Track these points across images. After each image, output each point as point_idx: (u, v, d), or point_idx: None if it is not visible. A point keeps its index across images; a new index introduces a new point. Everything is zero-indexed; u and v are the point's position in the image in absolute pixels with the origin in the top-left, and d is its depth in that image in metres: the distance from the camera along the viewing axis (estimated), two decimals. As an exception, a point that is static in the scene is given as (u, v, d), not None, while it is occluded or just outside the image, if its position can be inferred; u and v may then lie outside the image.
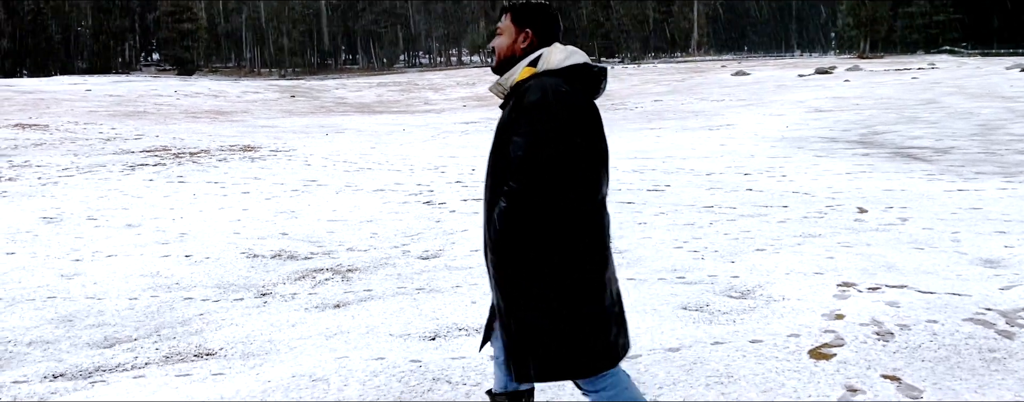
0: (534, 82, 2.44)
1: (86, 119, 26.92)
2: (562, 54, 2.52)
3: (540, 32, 2.58)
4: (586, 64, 2.54)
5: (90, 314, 5.09)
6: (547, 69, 2.49)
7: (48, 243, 7.51)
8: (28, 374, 3.94)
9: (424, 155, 16.03)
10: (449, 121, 27.37)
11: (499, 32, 2.64)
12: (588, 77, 2.52)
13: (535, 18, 2.58)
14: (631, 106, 29.36)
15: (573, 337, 2.39)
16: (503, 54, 2.59)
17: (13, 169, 13.95)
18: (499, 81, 2.58)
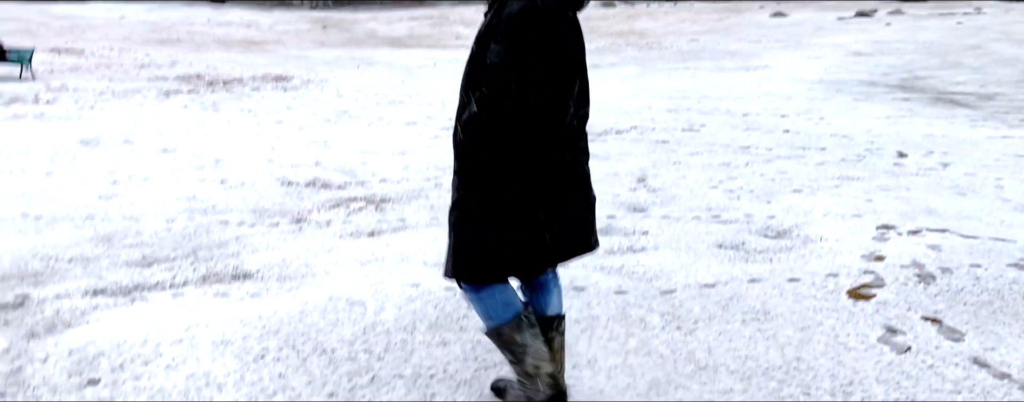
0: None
1: (121, 45, 27.01)
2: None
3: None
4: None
5: (128, 234, 5.16)
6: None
7: (86, 165, 7.59)
8: (69, 289, 4.02)
9: (452, 88, 15.91)
10: (481, 56, 27.09)
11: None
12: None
13: None
14: (666, 45, 28.84)
15: (474, 242, 2.44)
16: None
17: (50, 92, 14.07)
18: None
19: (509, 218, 2.41)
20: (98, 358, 2.98)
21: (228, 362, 2.92)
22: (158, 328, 3.25)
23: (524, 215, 2.43)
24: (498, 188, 2.39)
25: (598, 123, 10.59)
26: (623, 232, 5.04)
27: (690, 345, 3.09)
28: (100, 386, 2.77)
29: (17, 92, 14.04)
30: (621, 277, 3.94)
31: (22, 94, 13.71)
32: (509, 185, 2.39)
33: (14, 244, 4.86)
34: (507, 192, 2.40)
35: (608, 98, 14.05)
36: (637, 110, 12.02)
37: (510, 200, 2.40)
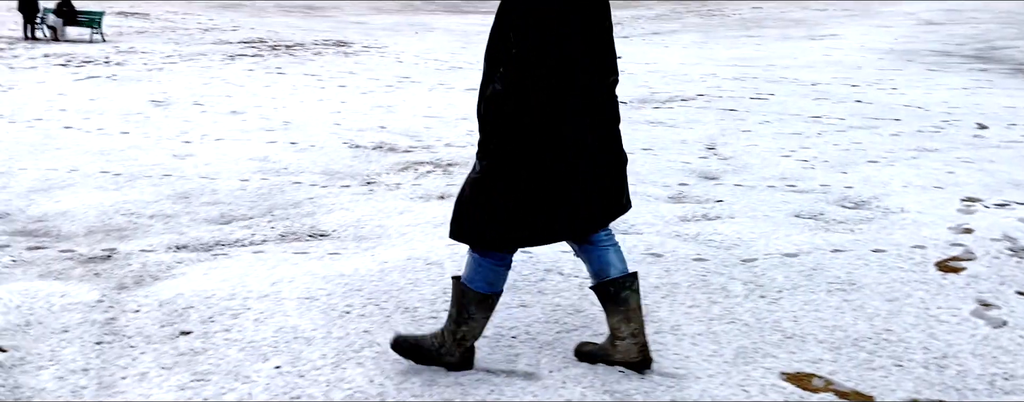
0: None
1: (184, 9, 27.44)
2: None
3: None
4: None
5: (205, 193, 5.26)
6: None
7: (159, 125, 7.76)
8: (153, 244, 4.12)
9: (515, 56, 15.81)
10: (539, 23, 26.86)
11: None
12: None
13: None
14: (729, 12, 28.20)
15: (485, 208, 2.47)
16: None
17: (120, 54, 14.38)
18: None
19: (528, 191, 2.44)
20: (188, 310, 3.05)
21: (315, 317, 2.96)
22: (244, 283, 3.31)
23: (544, 189, 2.45)
24: (520, 161, 2.41)
25: (663, 90, 10.44)
26: (696, 200, 4.96)
27: (775, 314, 3.04)
28: (192, 337, 2.83)
29: (89, 53, 14.39)
30: (698, 244, 3.89)
31: (94, 56, 14.05)
32: (531, 158, 2.42)
33: (97, 200, 4.99)
34: (528, 165, 2.42)
35: (672, 65, 13.82)
36: (702, 78, 11.80)
37: (531, 174, 2.43)
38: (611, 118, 2.59)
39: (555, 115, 2.40)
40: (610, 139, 2.59)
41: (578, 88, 2.43)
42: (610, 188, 2.62)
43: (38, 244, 4.11)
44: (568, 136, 2.44)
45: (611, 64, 2.54)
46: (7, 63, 12.64)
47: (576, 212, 2.53)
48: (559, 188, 2.47)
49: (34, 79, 10.86)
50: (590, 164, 2.51)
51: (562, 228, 2.56)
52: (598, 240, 2.67)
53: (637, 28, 23.55)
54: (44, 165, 5.93)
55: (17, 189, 5.25)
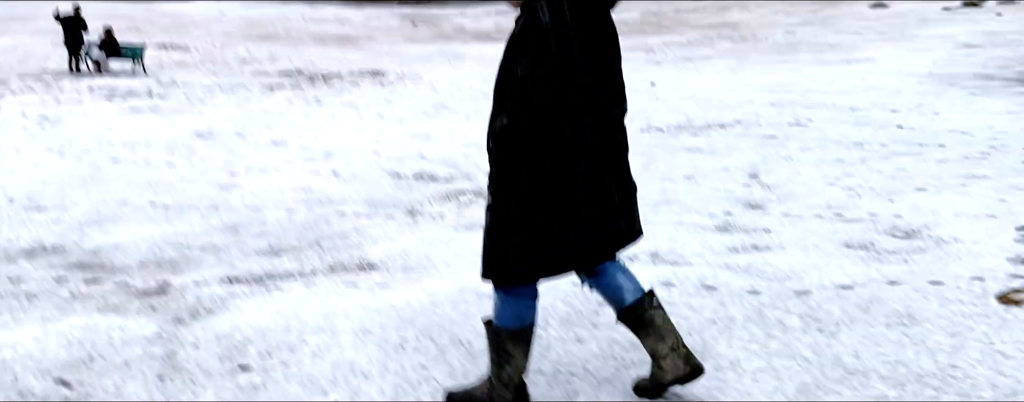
0: (542, 2, 2.40)
1: (222, 41, 27.99)
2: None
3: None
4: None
5: (252, 224, 5.33)
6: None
7: (203, 156, 7.89)
8: (206, 276, 4.17)
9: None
10: (571, 50, 26.98)
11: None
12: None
13: None
14: (761, 38, 28.12)
15: (500, 246, 2.50)
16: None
17: (162, 87, 14.69)
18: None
19: (541, 222, 2.46)
20: (245, 344, 3.08)
21: (370, 351, 2.97)
22: (298, 316, 3.33)
23: (557, 220, 2.47)
24: (528, 194, 2.43)
25: (700, 117, 10.41)
26: (743, 229, 4.92)
27: (835, 348, 2.99)
28: (252, 372, 2.85)
29: (132, 86, 14.71)
30: (750, 277, 3.85)
31: (136, 88, 14.36)
32: (542, 191, 2.43)
33: (148, 232, 5.08)
34: (540, 197, 2.43)
35: (706, 91, 13.79)
36: (738, 104, 11.75)
37: (543, 206, 2.44)
38: (620, 148, 2.60)
39: (564, 146, 2.42)
40: (620, 169, 2.61)
41: (588, 120, 2.45)
42: (622, 217, 2.63)
43: (94, 277, 4.18)
44: (578, 166, 2.46)
45: (620, 95, 2.57)
46: (54, 96, 12.96)
47: (590, 240, 2.55)
48: (572, 218, 2.48)
49: (80, 112, 11.12)
50: (601, 194, 2.53)
51: (578, 256, 2.57)
52: (604, 268, 2.69)
53: (669, 54, 23.56)
54: (95, 197, 6.05)
55: (70, 222, 5.35)
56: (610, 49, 2.52)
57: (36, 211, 5.64)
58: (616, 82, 2.54)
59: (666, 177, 6.60)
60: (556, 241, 2.49)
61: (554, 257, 2.53)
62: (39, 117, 10.49)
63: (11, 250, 4.70)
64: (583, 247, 2.55)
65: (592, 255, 2.61)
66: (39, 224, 5.28)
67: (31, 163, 7.37)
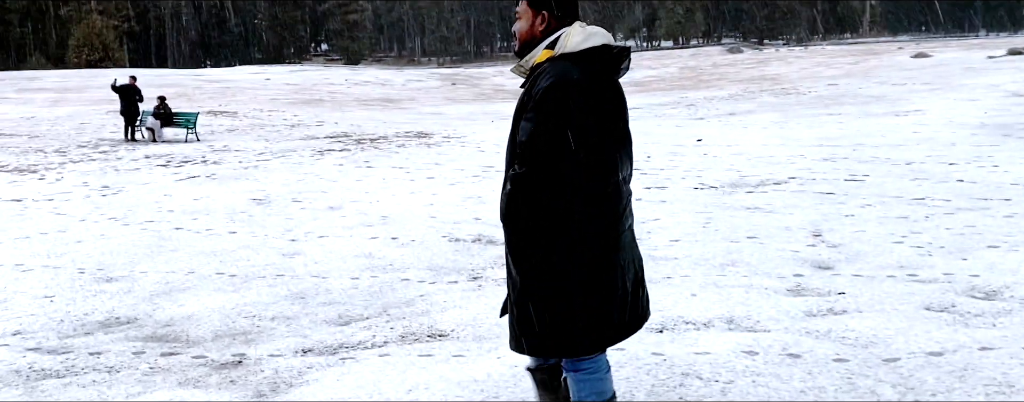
0: (549, 66, 2.45)
1: (269, 106, 28.70)
2: (580, 36, 2.51)
3: (557, 13, 2.57)
4: (605, 46, 2.52)
5: (319, 292, 5.36)
6: (564, 52, 2.49)
7: (263, 223, 8.01)
8: (280, 348, 4.18)
9: (595, 142, 15.95)
10: (611, 107, 27.16)
11: (517, 16, 2.64)
12: (607, 58, 2.51)
13: (551, 0, 2.58)
14: (804, 90, 28.07)
15: (567, 320, 2.46)
16: (523, 38, 2.60)
17: (215, 153, 15.03)
18: (520, 63, 2.60)
19: (587, 285, 2.44)
20: (330, 420, 3.06)
21: (457, 428, 2.93)
22: (379, 390, 3.31)
23: (596, 282, 2.46)
24: (563, 260, 2.43)
25: (752, 173, 10.34)
26: (817, 292, 4.82)
27: (936, 421, 2.89)
28: (340, 450, 2.83)
29: (186, 153, 15.08)
30: (834, 343, 3.75)
31: (191, 155, 14.71)
32: (572, 255, 2.43)
33: (218, 303, 5.13)
34: (573, 262, 2.43)
35: (755, 147, 13.72)
36: (789, 159, 11.66)
37: (578, 269, 2.44)
38: (631, 211, 2.62)
39: (589, 209, 2.42)
40: (633, 234, 2.63)
41: (612, 181, 2.47)
42: (643, 288, 2.66)
43: (171, 350, 4.22)
44: (606, 230, 2.46)
45: (631, 156, 2.62)
46: (113, 165, 13.33)
47: (630, 301, 2.55)
48: (612, 281, 2.49)
49: (139, 180, 11.40)
50: (627, 254, 2.56)
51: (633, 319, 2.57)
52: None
53: (711, 109, 23.58)
54: (162, 268, 6.15)
55: (140, 293, 5.44)
56: (622, 113, 2.57)
57: (106, 282, 5.74)
58: (629, 143, 2.60)
59: (728, 237, 6.53)
60: (610, 303, 2.48)
61: (619, 320, 2.51)
62: (100, 186, 10.77)
63: (88, 322, 4.77)
64: (631, 310, 2.54)
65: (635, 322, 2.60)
66: (111, 295, 5.37)
67: (97, 233, 7.54)
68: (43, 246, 6.99)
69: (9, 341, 4.41)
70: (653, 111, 24.20)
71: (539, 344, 2.52)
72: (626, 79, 2.67)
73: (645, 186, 9.70)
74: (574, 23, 2.57)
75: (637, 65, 52.16)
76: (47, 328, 4.66)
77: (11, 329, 4.64)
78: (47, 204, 9.33)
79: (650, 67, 48.63)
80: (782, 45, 73.25)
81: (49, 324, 4.73)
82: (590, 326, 2.48)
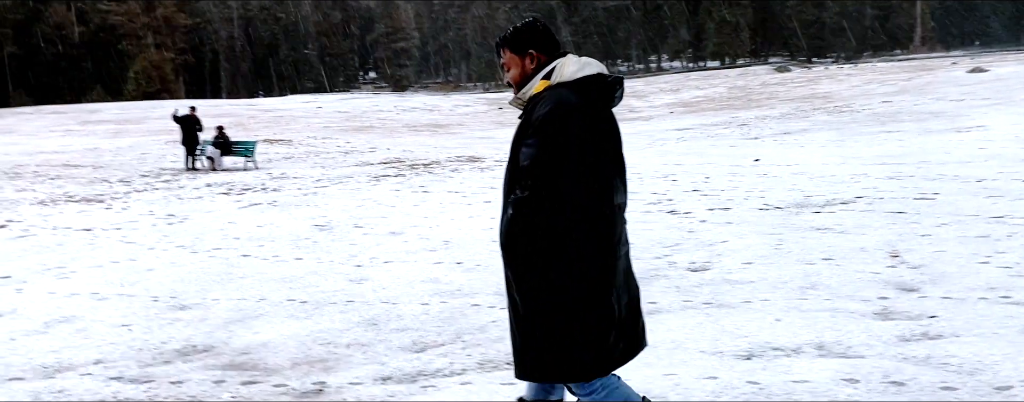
0: (547, 94, 2.53)
1: (322, 134, 29.12)
2: (574, 66, 2.60)
3: (542, 48, 2.68)
4: (599, 74, 2.60)
5: (390, 318, 5.33)
6: (561, 81, 2.58)
7: (327, 249, 8.05)
8: (359, 376, 4.15)
9: (647, 163, 15.82)
10: (660, 128, 27.01)
11: (506, 67, 2.74)
12: (602, 87, 2.58)
13: (530, 39, 2.68)
14: (857, 108, 27.56)
15: (568, 343, 2.48)
16: (518, 80, 2.71)
17: (274, 180, 15.25)
18: (518, 96, 2.70)
19: (583, 310, 2.47)
20: (421, 451, 3.00)
21: (554, 460, 2.85)
22: (468, 420, 3.25)
23: (593, 307, 2.49)
24: (561, 284, 2.46)
25: (816, 193, 10.12)
26: (906, 315, 4.65)
27: (1063, 453, 2.72)
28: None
29: (246, 181, 15.32)
30: (935, 369, 3.59)
31: (251, 183, 14.94)
32: (569, 280, 2.47)
33: (292, 330, 5.13)
34: (569, 287, 2.47)
35: (815, 166, 13.46)
36: (853, 178, 11.40)
37: (575, 294, 2.47)
38: (626, 239, 2.66)
39: (588, 229, 2.45)
40: (629, 260, 2.68)
41: (610, 208, 2.52)
42: (640, 314, 2.70)
43: (251, 379, 4.22)
44: (603, 252, 2.50)
45: (626, 184, 2.68)
46: (176, 194, 13.59)
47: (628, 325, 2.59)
48: (609, 304, 2.52)
49: (203, 208, 11.59)
50: (624, 279, 2.61)
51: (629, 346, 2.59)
52: None
53: (765, 128, 23.26)
54: (233, 295, 6.19)
55: (215, 321, 5.47)
56: (617, 141, 2.63)
57: (180, 310, 5.80)
58: (623, 172, 2.66)
59: (803, 259, 6.36)
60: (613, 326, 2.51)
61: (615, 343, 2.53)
62: (166, 215, 10.97)
63: (166, 351, 4.80)
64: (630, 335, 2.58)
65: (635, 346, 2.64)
66: (186, 323, 5.41)
67: (167, 261, 7.65)
68: (116, 274, 7.10)
69: (92, 370, 4.45)
70: (705, 131, 23.97)
71: (544, 368, 2.55)
72: (675, 100, 2.71)
73: (708, 208, 9.54)
74: (567, 54, 2.67)
75: (684, 85, 51.95)
76: (127, 357, 4.70)
77: (92, 358, 4.69)
78: (116, 233, 9.51)
79: (698, 87, 48.32)
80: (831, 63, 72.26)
81: (128, 353, 4.78)
82: (591, 346, 2.51)
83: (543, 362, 2.51)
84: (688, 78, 60.21)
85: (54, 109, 48.44)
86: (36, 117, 41.42)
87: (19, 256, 8.17)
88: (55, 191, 14.45)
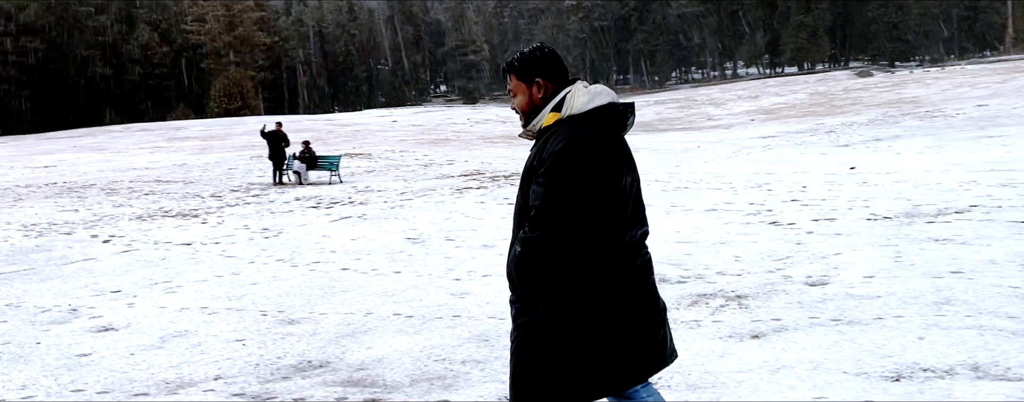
0: (558, 130, 2.47)
1: (399, 147, 29.43)
2: (585, 97, 2.53)
3: (549, 76, 2.60)
4: (611, 104, 2.54)
5: (501, 334, 5.20)
6: (571, 113, 2.51)
7: (423, 262, 8.00)
8: (483, 394, 4.04)
9: (736, 172, 15.43)
10: (744, 136, 26.41)
11: (513, 93, 2.66)
12: (613, 116, 2.53)
13: (538, 67, 2.60)
14: (950, 112, 26.49)
15: (562, 379, 2.46)
16: (526, 109, 2.62)
17: (360, 194, 15.39)
18: (528, 128, 2.63)
19: (583, 342, 2.44)
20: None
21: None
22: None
23: (593, 338, 2.45)
24: (563, 317, 2.43)
25: (925, 202, 9.65)
26: (1065, 334, 4.30)
27: None
28: None
29: (333, 195, 15.51)
30: (1119, 395, 3.28)
31: (338, 197, 15.11)
32: (572, 313, 2.43)
33: (404, 345, 5.06)
34: (572, 320, 2.43)
35: (916, 173, 12.90)
36: (962, 186, 10.86)
37: (576, 327, 2.44)
38: (649, 267, 2.60)
39: (599, 269, 2.42)
40: (652, 285, 2.60)
41: (623, 238, 2.46)
42: (662, 333, 2.61)
43: (372, 396, 4.15)
44: (616, 282, 2.45)
45: (644, 216, 2.59)
46: (267, 208, 13.82)
47: (641, 350, 2.55)
48: (621, 333, 2.48)
49: (296, 222, 11.73)
50: (643, 305, 2.53)
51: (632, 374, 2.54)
52: (635, 393, 2.63)
53: (854, 135, 22.51)
54: (340, 309, 6.18)
55: (325, 335, 5.44)
56: (632, 170, 2.56)
57: (289, 324, 5.80)
58: (640, 202, 2.59)
59: (929, 273, 6.01)
60: (602, 359, 2.47)
61: (606, 375, 2.50)
62: (261, 229, 11.14)
63: (282, 366, 4.78)
64: (637, 361, 2.55)
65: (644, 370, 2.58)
66: (298, 338, 5.39)
67: (269, 275, 7.71)
68: (221, 288, 7.18)
69: (213, 386, 4.45)
70: (790, 139, 23.33)
71: (524, 395, 2.53)
72: (754, 107, 2.53)
73: (812, 218, 9.19)
74: (576, 83, 2.59)
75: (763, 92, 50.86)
76: (245, 372, 4.69)
77: (211, 373, 4.70)
78: (215, 247, 9.68)
79: (777, 94, 47.25)
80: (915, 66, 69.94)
81: (246, 368, 4.77)
82: (586, 382, 2.48)
83: (540, 394, 2.50)
84: (766, 85, 59.00)
85: (142, 127, 50.33)
86: (125, 135, 43.07)
87: (126, 271, 8.36)
88: (151, 206, 14.87)
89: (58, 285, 7.68)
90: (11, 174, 24.02)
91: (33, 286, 7.67)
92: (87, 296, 7.13)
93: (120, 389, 4.49)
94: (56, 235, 11.39)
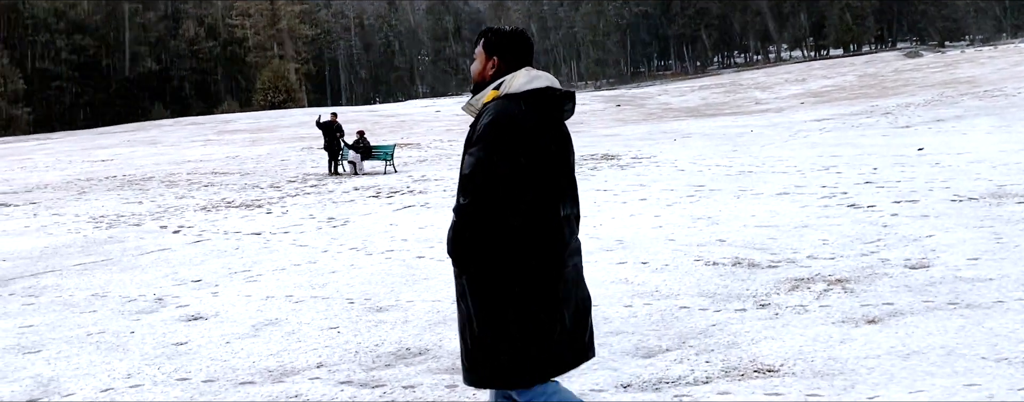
0: (492, 104, 2.57)
1: (446, 137, 29.44)
2: (524, 79, 2.64)
3: (507, 60, 2.72)
4: (548, 88, 2.65)
5: (598, 321, 5.05)
6: (507, 93, 2.62)
7: (499, 250, 7.92)
8: (599, 383, 3.94)
9: (799, 155, 15.11)
10: (797, 119, 25.93)
11: (475, 57, 2.79)
12: (550, 100, 2.63)
13: (504, 47, 2.73)
14: (1011, 92, 25.73)
15: (508, 350, 2.50)
16: (476, 78, 2.76)
17: (417, 183, 15.38)
18: (470, 102, 2.73)
19: (526, 318, 2.49)
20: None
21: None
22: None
23: (535, 315, 2.50)
24: (504, 291, 2.48)
25: (1010, 182, 9.32)
26: None
27: None
28: None
29: (391, 184, 15.52)
30: None
31: (396, 186, 15.11)
32: (513, 287, 2.47)
33: (501, 332, 4.97)
34: (513, 294, 2.48)
35: (990, 153, 12.50)
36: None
37: (518, 301, 2.48)
38: (576, 248, 2.66)
39: (530, 239, 2.47)
40: (581, 270, 2.69)
41: (556, 212, 2.53)
42: (587, 324, 2.68)
43: (484, 384, 4.06)
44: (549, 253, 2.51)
45: (576, 196, 2.70)
46: (328, 198, 13.86)
47: (573, 336, 2.60)
48: (552, 314, 2.54)
49: (360, 212, 11.74)
50: (574, 290, 2.62)
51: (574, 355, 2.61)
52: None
53: (913, 117, 21.95)
54: (426, 297, 6.12)
55: (418, 323, 5.38)
56: (567, 154, 2.68)
57: (379, 312, 5.75)
58: (572, 182, 2.70)
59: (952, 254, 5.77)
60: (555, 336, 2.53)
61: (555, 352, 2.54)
62: (327, 219, 11.16)
63: (382, 354, 4.73)
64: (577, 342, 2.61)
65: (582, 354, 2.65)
66: (392, 325, 5.34)
67: (346, 264, 7.69)
68: (301, 277, 7.17)
69: (318, 374, 4.41)
70: (846, 122, 22.82)
71: (495, 375, 2.54)
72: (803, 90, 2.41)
73: (893, 200, 8.92)
74: (522, 68, 2.70)
75: (809, 75, 49.98)
76: (346, 360, 4.65)
77: (313, 361, 4.66)
78: (285, 236, 9.71)
79: (825, 77, 46.37)
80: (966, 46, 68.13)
81: (346, 356, 4.73)
82: (537, 353, 2.52)
83: (495, 368, 2.53)
84: (811, 67, 57.96)
85: (191, 120, 51.07)
86: (176, 128, 43.72)
87: (202, 261, 8.41)
88: (213, 197, 15.02)
89: (139, 275, 7.74)
90: (70, 169, 24.50)
91: (115, 276, 7.75)
92: (169, 285, 7.17)
93: (224, 377, 4.47)
94: (126, 226, 11.53)
